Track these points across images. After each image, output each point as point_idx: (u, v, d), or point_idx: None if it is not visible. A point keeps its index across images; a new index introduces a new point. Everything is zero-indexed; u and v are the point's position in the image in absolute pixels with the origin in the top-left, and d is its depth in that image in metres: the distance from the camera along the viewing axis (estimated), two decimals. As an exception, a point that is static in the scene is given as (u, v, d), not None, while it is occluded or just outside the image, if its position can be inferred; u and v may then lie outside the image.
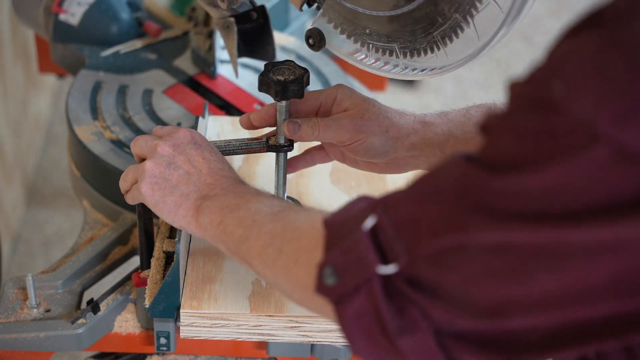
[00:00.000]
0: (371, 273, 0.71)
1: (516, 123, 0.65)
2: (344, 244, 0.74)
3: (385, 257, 0.71)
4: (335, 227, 0.77)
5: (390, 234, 0.70)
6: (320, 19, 1.03)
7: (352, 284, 0.72)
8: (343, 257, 0.73)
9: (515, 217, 0.63)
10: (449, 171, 0.69)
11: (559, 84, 0.61)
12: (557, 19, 3.39)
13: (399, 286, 0.70)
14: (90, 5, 1.53)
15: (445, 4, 0.91)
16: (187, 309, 1.04)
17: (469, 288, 0.66)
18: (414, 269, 0.69)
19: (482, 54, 0.92)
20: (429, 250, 0.68)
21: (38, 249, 2.41)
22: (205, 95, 1.46)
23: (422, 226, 0.68)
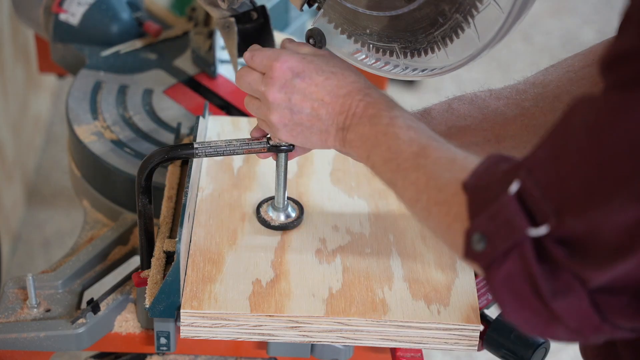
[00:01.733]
0: (522, 236, 0.71)
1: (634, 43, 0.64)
2: (491, 209, 0.74)
3: (534, 219, 0.71)
4: (479, 192, 0.77)
5: (537, 196, 0.70)
6: (320, 19, 1.03)
7: (503, 248, 0.72)
8: (491, 222, 0.73)
9: None
10: (584, 115, 0.68)
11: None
12: (557, 19, 3.39)
13: (549, 248, 0.70)
14: (90, 5, 1.53)
15: (446, 4, 0.91)
16: (188, 309, 1.04)
17: (623, 232, 0.66)
18: (565, 228, 0.69)
19: (483, 55, 0.92)
20: (580, 206, 0.67)
21: (38, 249, 2.41)
22: (206, 95, 1.46)
23: (569, 184, 0.68)
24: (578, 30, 3.26)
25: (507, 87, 1.09)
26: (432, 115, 1.08)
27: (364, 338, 1.05)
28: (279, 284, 1.07)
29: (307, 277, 1.09)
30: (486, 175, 0.78)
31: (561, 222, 0.69)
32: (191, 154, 1.07)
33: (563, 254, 0.69)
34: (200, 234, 1.14)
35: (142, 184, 1.07)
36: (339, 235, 1.15)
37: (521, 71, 1.12)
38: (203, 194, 1.20)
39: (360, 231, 1.16)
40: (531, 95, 1.06)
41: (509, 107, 1.07)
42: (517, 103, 1.06)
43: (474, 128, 1.07)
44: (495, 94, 1.08)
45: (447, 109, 1.08)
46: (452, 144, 0.89)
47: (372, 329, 1.04)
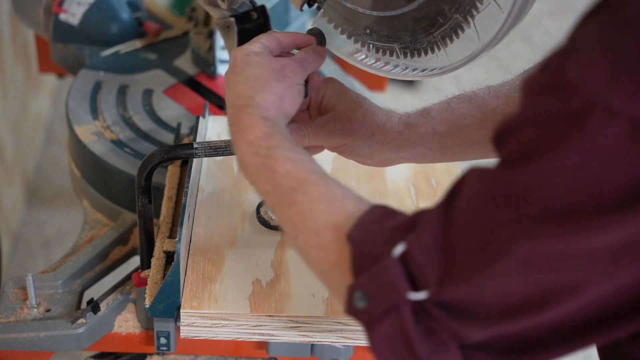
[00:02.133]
0: (401, 299, 0.72)
1: (533, 111, 0.65)
2: (374, 270, 0.75)
3: (415, 283, 0.72)
4: (362, 248, 0.78)
5: (421, 261, 0.72)
6: (320, 19, 1.03)
7: (382, 307, 0.74)
8: (373, 282, 0.75)
9: (544, 220, 0.63)
10: (472, 186, 0.70)
11: (572, 65, 0.62)
12: (557, 19, 3.38)
13: (429, 310, 0.72)
14: (91, 5, 1.53)
15: (446, 4, 0.90)
16: (188, 309, 1.04)
17: (503, 298, 0.68)
18: (446, 294, 0.71)
19: (483, 55, 0.92)
20: (463, 276, 0.69)
21: (38, 249, 2.41)
22: (205, 95, 1.46)
23: (454, 252, 0.70)
24: (578, 30, 3.26)
25: (505, 83, 1.09)
26: (431, 115, 1.08)
27: (364, 338, 1.05)
28: (279, 284, 1.07)
29: (307, 277, 1.08)
30: (372, 230, 0.79)
31: (442, 289, 0.71)
32: (191, 154, 1.07)
33: (442, 315, 0.71)
34: (200, 234, 1.14)
35: (142, 184, 1.07)
36: (339, 235, 1.15)
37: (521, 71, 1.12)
38: (203, 194, 1.20)
39: (360, 231, 1.16)
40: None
41: (508, 105, 1.07)
42: (516, 101, 1.06)
43: (474, 127, 1.07)
44: (494, 92, 1.08)
45: (447, 108, 1.08)
46: (333, 180, 0.87)
47: (372, 329, 1.04)
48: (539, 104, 0.65)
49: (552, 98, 0.63)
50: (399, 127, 1.07)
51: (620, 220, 0.61)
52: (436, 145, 1.08)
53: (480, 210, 0.68)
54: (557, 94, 0.63)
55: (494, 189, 0.67)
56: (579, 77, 0.61)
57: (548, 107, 0.64)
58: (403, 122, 1.08)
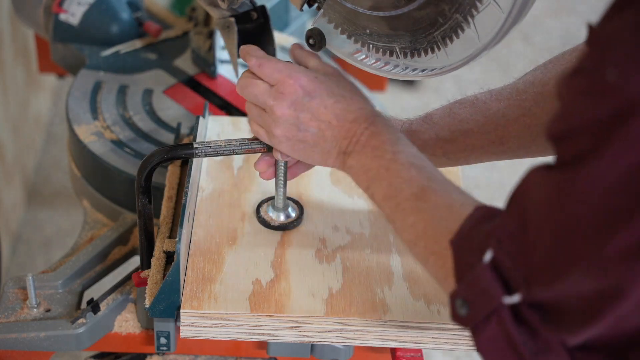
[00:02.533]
0: (498, 303, 0.75)
1: (579, 116, 0.67)
2: (469, 277, 0.78)
3: (509, 286, 0.74)
4: (460, 254, 0.81)
5: (509, 266, 0.74)
6: (320, 19, 1.03)
7: (483, 313, 0.76)
8: (470, 290, 0.78)
9: (607, 219, 0.65)
10: (538, 187, 0.72)
11: (610, 68, 0.63)
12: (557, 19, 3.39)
13: (524, 313, 0.74)
14: (91, 5, 1.53)
15: (446, 4, 0.90)
16: (187, 309, 1.04)
17: (583, 302, 0.70)
18: (534, 297, 0.73)
19: (483, 55, 0.92)
20: (544, 277, 0.71)
21: (38, 249, 2.41)
22: (205, 95, 1.46)
23: (533, 256, 0.72)
24: (578, 30, 3.26)
25: (507, 87, 1.09)
26: (434, 121, 1.08)
27: (364, 338, 1.05)
28: (279, 284, 1.07)
29: (307, 277, 1.08)
30: (470, 236, 0.81)
31: (530, 292, 0.73)
32: (191, 154, 1.07)
33: (537, 319, 0.74)
34: (200, 234, 1.14)
35: (141, 184, 1.07)
36: (339, 235, 1.15)
37: (521, 71, 1.12)
38: (203, 194, 1.20)
39: (360, 231, 1.16)
40: (531, 95, 1.06)
41: (510, 109, 1.07)
42: (518, 104, 1.06)
43: (477, 131, 1.07)
44: (496, 96, 1.09)
45: (449, 113, 1.08)
46: (452, 186, 0.90)
47: (372, 329, 1.04)
48: (582, 108, 0.67)
49: (594, 102, 0.65)
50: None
51: None
52: (440, 150, 1.08)
53: (548, 216, 0.70)
54: (598, 98, 0.65)
55: (559, 191, 0.69)
56: (618, 81, 0.63)
57: (591, 112, 0.65)
58: (405, 129, 1.08)
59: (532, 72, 1.09)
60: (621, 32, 0.64)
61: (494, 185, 2.70)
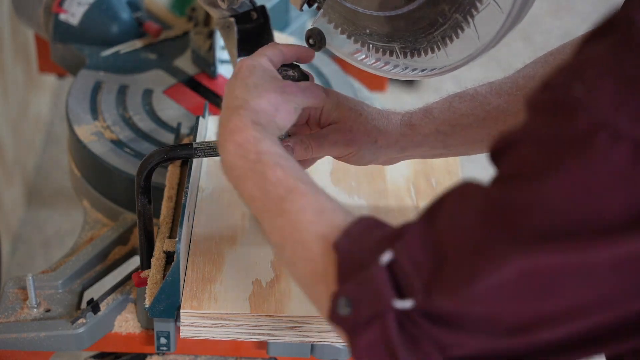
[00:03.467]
0: (386, 307, 0.71)
1: (536, 129, 0.65)
2: (360, 277, 0.74)
3: (401, 291, 0.71)
4: (349, 256, 0.77)
5: (408, 270, 0.71)
6: (320, 19, 1.03)
7: (367, 315, 0.73)
8: (358, 289, 0.74)
9: (541, 238, 0.63)
10: (466, 199, 0.69)
11: (577, 85, 0.62)
12: (557, 19, 3.39)
13: (415, 320, 0.70)
14: (91, 5, 1.53)
15: (446, 4, 0.90)
16: (187, 309, 1.04)
17: (496, 312, 0.67)
18: (433, 304, 0.69)
19: (483, 55, 0.92)
20: (451, 285, 0.68)
21: (38, 249, 2.41)
22: (205, 95, 1.46)
23: (443, 262, 0.69)
24: (578, 29, 3.26)
25: (507, 80, 1.09)
26: (433, 115, 1.08)
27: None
28: (279, 284, 1.07)
29: (307, 277, 1.08)
30: (360, 240, 0.78)
31: (429, 299, 0.69)
32: (190, 154, 1.07)
33: (428, 325, 0.70)
34: (200, 234, 1.14)
35: (141, 184, 1.07)
36: (339, 235, 1.15)
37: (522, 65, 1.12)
38: (203, 194, 1.20)
39: (360, 231, 1.16)
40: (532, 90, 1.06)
41: (510, 104, 1.07)
42: (519, 99, 1.06)
43: (477, 126, 1.07)
44: (496, 90, 1.08)
45: (449, 107, 1.08)
46: (321, 189, 0.86)
47: (372, 329, 1.04)
48: (542, 122, 0.65)
49: (556, 118, 0.63)
50: (401, 129, 1.07)
51: (621, 242, 0.60)
52: (440, 144, 1.08)
53: (474, 224, 0.67)
54: (561, 114, 0.63)
55: (489, 205, 0.66)
56: (584, 98, 0.61)
57: (551, 127, 0.63)
58: (405, 123, 1.07)
59: (533, 66, 1.09)
60: (594, 54, 0.63)
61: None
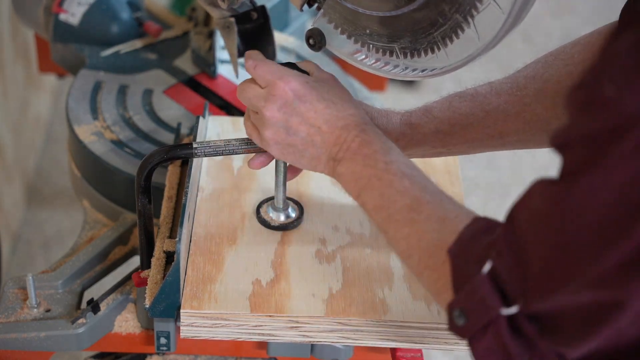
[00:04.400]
0: (495, 314, 0.75)
1: (578, 128, 0.68)
2: (468, 288, 0.78)
3: (506, 297, 0.75)
4: (459, 265, 0.81)
5: (506, 278, 0.74)
6: (320, 19, 1.03)
7: (480, 324, 0.76)
8: (468, 300, 0.78)
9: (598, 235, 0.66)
10: (536, 199, 0.72)
11: (608, 84, 0.64)
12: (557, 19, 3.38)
13: (522, 325, 0.74)
14: (91, 5, 1.53)
15: (446, 5, 0.90)
16: (188, 309, 1.04)
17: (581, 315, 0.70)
18: (532, 308, 0.73)
19: (483, 55, 0.92)
20: (541, 289, 0.71)
21: (38, 249, 2.41)
22: (205, 95, 1.46)
23: (531, 267, 0.72)
24: (578, 30, 3.26)
25: (507, 80, 1.09)
26: (433, 114, 1.08)
27: (364, 338, 1.05)
28: (279, 284, 1.07)
29: (307, 277, 1.08)
30: (469, 247, 0.81)
31: (527, 303, 0.73)
32: (190, 154, 1.07)
33: (534, 331, 0.74)
34: (200, 234, 1.14)
35: (141, 184, 1.07)
36: (339, 235, 1.15)
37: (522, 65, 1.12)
38: (203, 194, 1.20)
39: (360, 231, 1.16)
40: (532, 91, 1.06)
41: (510, 104, 1.07)
42: (519, 100, 1.06)
43: (477, 125, 1.07)
44: (496, 90, 1.08)
45: (449, 107, 1.08)
46: (445, 196, 0.90)
47: (372, 329, 1.04)
48: (582, 121, 0.67)
49: (592, 116, 0.66)
50: (401, 127, 1.07)
51: None
52: (439, 143, 1.08)
53: (548, 224, 0.70)
54: (595, 112, 0.65)
55: (555, 203, 0.69)
56: (614, 96, 0.63)
57: (589, 125, 0.66)
58: (405, 122, 1.07)
59: (533, 66, 1.09)
60: (620, 49, 0.65)
61: (494, 185, 2.70)
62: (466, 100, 1.08)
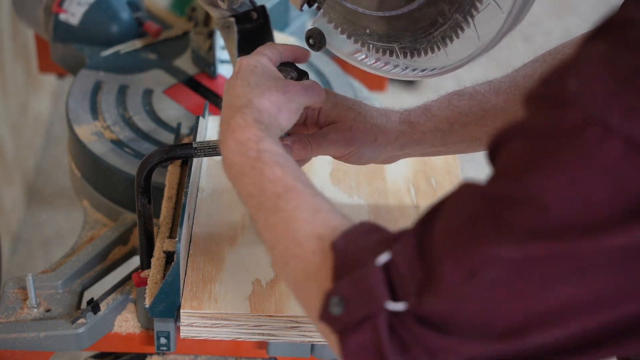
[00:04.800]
0: (379, 307, 0.70)
1: (530, 124, 0.65)
2: (355, 275, 0.73)
3: (395, 294, 0.70)
4: (345, 255, 0.77)
5: (404, 272, 0.70)
6: (320, 19, 1.03)
7: (358, 315, 0.72)
8: (352, 287, 0.73)
9: (531, 233, 0.62)
10: (462, 200, 0.69)
11: (572, 80, 0.62)
12: (557, 19, 3.39)
13: (406, 323, 0.70)
14: (91, 5, 1.53)
15: (446, 4, 0.90)
16: (187, 309, 1.04)
17: (488, 313, 0.66)
18: (424, 307, 0.69)
19: (483, 55, 0.92)
20: (441, 286, 0.67)
21: (38, 249, 2.41)
22: (205, 95, 1.46)
23: (435, 263, 0.68)
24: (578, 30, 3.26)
25: (505, 79, 1.09)
26: (432, 113, 1.08)
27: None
28: (279, 284, 1.07)
29: (307, 277, 1.08)
30: (357, 240, 0.77)
31: (422, 301, 0.69)
32: (190, 154, 1.07)
33: (420, 329, 0.69)
34: (200, 234, 1.14)
35: (141, 184, 1.07)
36: (339, 235, 1.15)
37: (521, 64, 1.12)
38: (203, 194, 1.20)
39: (360, 231, 1.16)
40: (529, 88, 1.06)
41: (508, 103, 1.07)
42: (517, 98, 1.06)
43: (476, 124, 1.07)
44: (495, 89, 1.08)
45: (447, 105, 1.08)
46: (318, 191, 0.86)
47: (372, 329, 1.04)
48: (535, 117, 0.65)
49: (549, 112, 0.63)
50: (400, 126, 1.07)
51: (611, 236, 0.60)
52: (439, 141, 1.08)
53: (464, 223, 0.67)
54: (553, 108, 0.63)
55: (480, 203, 0.66)
56: (577, 92, 0.62)
57: (543, 121, 0.64)
58: (404, 121, 1.07)
59: (532, 65, 1.09)
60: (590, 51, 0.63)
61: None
62: (465, 98, 1.08)
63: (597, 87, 0.61)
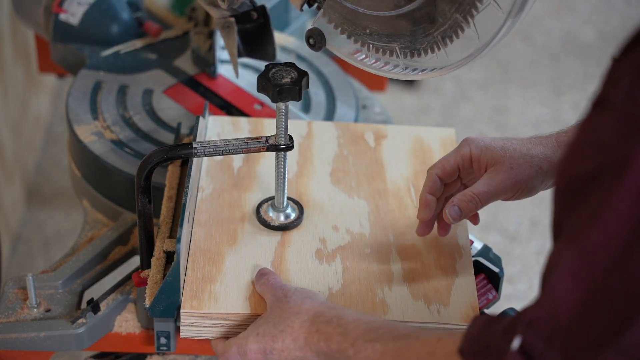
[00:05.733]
0: None
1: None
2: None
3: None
4: (479, 356, 0.78)
5: (541, 348, 0.71)
6: (320, 19, 1.03)
7: None
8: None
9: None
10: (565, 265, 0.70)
11: (615, 94, 0.64)
12: (557, 19, 3.38)
13: None
14: (91, 5, 1.53)
15: (446, 4, 0.91)
16: (188, 309, 1.04)
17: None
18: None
19: (483, 54, 0.92)
20: (587, 354, 0.69)
21: (38, 249, 2.41)
22: (205, 95, 1.46)
23: (572, 333, 0.70)
24: (578, 30, 3.26)
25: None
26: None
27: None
28: (279, 284, 1.07)
29: (307, 277, 1.09)
30: (482, 337, 0.78)
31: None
32: (190, 154, 1.07)
33: None
34: (200, 234, 1.14)
35: (141, 184, 1.07)
36: (339, 235, 1.15)
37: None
38: (203, 194, 1.20)
39: (360, 231, 1.16)
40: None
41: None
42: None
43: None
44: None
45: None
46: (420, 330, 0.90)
47: (372, 329, 1.04)
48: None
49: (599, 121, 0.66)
50: (560, 149, 1.05)
51: None
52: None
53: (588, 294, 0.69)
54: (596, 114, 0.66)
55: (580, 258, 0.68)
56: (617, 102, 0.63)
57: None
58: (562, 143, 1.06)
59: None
60: (629, 64, 0.64)
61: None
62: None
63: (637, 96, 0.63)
